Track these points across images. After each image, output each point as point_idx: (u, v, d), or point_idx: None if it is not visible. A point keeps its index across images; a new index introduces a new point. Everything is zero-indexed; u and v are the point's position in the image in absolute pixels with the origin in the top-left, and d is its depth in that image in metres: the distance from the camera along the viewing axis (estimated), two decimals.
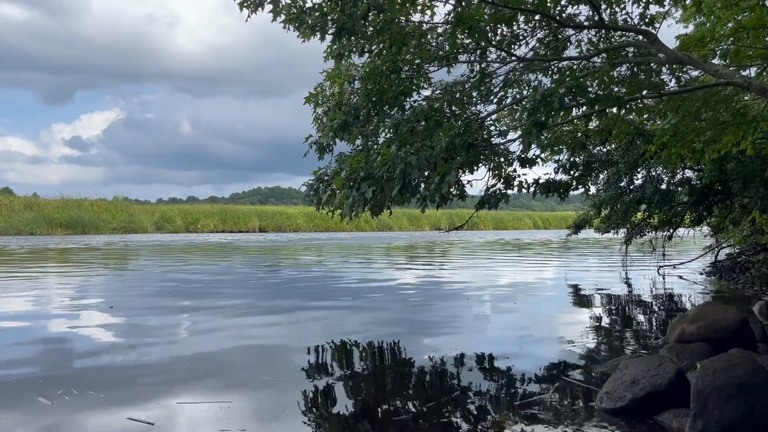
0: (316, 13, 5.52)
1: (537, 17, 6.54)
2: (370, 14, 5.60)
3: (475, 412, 4.08)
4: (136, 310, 8.29)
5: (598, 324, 7.40)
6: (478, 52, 6.76)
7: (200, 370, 5.14)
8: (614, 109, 7.32)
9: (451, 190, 5.61)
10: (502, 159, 6.69)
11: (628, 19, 6.76)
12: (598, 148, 11.25)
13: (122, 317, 7.74)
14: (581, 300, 9.74)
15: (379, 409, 4.23)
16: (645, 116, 8.58)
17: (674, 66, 6.83)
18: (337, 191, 6.11)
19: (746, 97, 7.35)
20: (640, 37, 6.20)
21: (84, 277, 12.79)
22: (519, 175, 6.70)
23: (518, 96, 7.16)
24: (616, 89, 6.97)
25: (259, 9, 5.42)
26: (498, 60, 6.86)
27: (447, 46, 6.41)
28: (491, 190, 6.83)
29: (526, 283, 11.96)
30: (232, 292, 10.39)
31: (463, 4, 5.83)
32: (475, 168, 5.88)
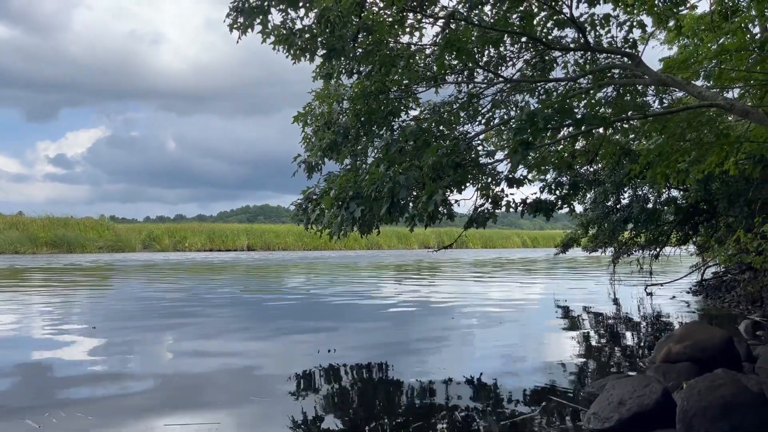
0: (306, 35, 5.57)
1: (524, 39, 6.63)
2: (359, 36, 5.66)
3: None
4: (120, 332, 8.21)
5: (585, 343, 7.41)
6: (465, 73, 6.84)
7: (187, 392, 5.10)
8: (600, 130, 7.42)
9: (440, 209, 5.64)
10: (489, 179, 6.74)
11: (613, 42, 6.88)
12: (584, 167, 11.35)
13: (106, 339, 7.65)
14: (569, 319, 9.76)
15: (366, 428, 4.21)
16: (631, 137, 8.69)
17: (658, 87, 6.94)
18: (326, 210, 6.13)
19: (729, 118, 7.47)
20: (625, 59, 6.30)
21: (68, 298, 12.66)
22: (506, 195, 6.75)
23: (505, 117, 7.24)
24: (602, 110, 7.08)
25: (249, 30, 5.45)
26: (485, 81, 6.94)
27: (435, 67, 6.49)
28: (479, 209, 6.88)
29: (513, 302, 11.97)
30: (219, 313, 10.33)
31: (452, 26, 5.90)
32: (463, 187, 5.93)
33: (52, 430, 4.08)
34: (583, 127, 5.60)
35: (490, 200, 6.86)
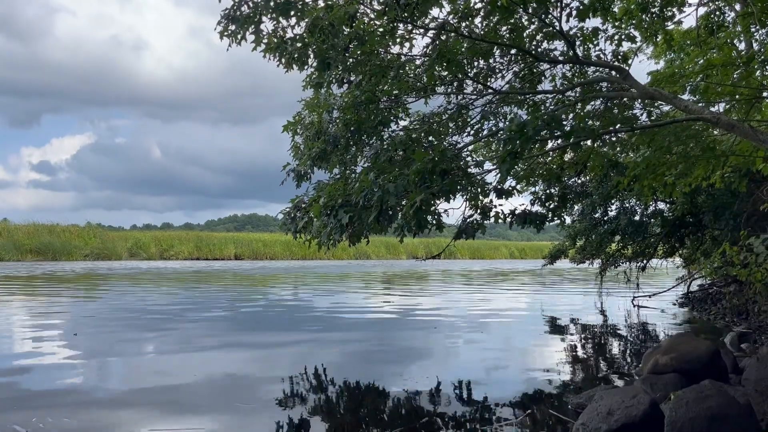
0: (298, 44, 5.57)
1: (513, 51, 6.68)
2: (350, 45, 5.68)
3: None
4: (103, 339, 8.13)
5: (572, 354, 7.42)
6: (455, 84, 6.87)
7: (171, 399, 5.09)
8: (588, 142, 7.47)
9: (427, 216, 5.62)
10: (478, 189, 6.75)
11: (602, 55, 6.94)
12: (572, 179, 11.42)
13: (88, 346, 7.58)
14: (556, 330, 9.78)
15: None
16: (618, 149, 8.75)
17: (646, 101, 7.00)
18: (315, 219, 6.11)
19: (715, 132, 7.55)
20: (613, 72, 6.36)
21: (51, 306, 12.52)
22: (495, 206, 6.76)
23: (494, 128, 7.27)
24: (590, 122, 7.13)
25: (243, 41, 5.45)
26: (474, 92, 6.97)
27: (425, 78, 6.51)
28: (468, 220, 6.88)
29: (500, 313, 11.98)
30: (204, 322, 10.25)
31: (442, 37, 5.93)
32: (452, 197, 5.93)
33: None
34: (571, 139, 5.63)
35: (478, 211, 6.87)
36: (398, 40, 6.15)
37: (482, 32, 6.26)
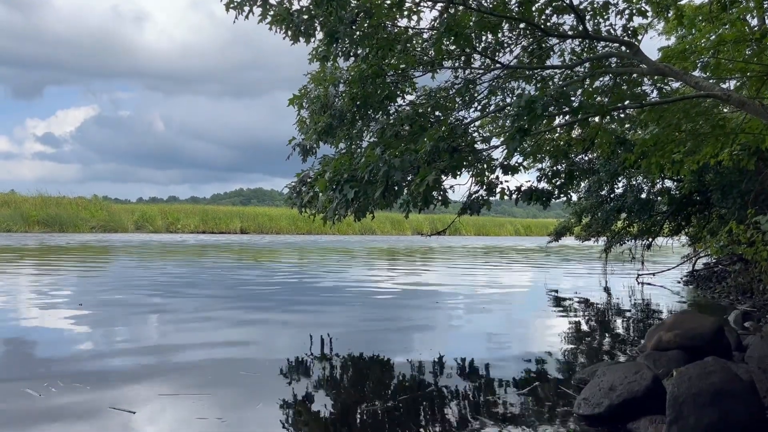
0: (304, 16, 5.51)
1: (522, 25, 6.59)
2: (357, 18, 5.61)
3: (449, 409, 4.09)
4: (109, 310, 8.19)
5: (576, 331, 7.45)
6: (462, 59, 6.80)
7: (177, 367, 5.19)
8: (596, 118, 7.41)
9: (434, 193, 5.61)
10: (485, 165, 6.72)
11: (612, 30, 6.84)
12: (579, 156, 11.35)
13: (94, 316, 7.64)
14: (559, 307, 9.81)
15: (350, 400, 4.33)
16: (626, 126, 8.68)
17: (656, 77, 6.92)
18: (320, 193, 6.10)
19: (725, 110, 7.47)
20: (623, 48, 6.28)
21: (59, 276, 12.61)
22: (501, 182, 6.73)
23: (501, 103, 7.21)
24: (598, 99, 7.06)
25: (251, 14, 5.39)
26: (482, 67, 6.90)
27: (432, 52, 6.44)
28: (474, 196, 6.86)
29: (504, 290, 12.02)
30: (209, 293, 10.32)
31: (450, 10, 5.86)
32: (458, 173, 5.91)
33: (52, 399, 4.19)
34: (579, 115, 5.59)
35: (484, 187, 6.84)
36: (406, 12, 6.08)
37: (491, 5, 6.18)
